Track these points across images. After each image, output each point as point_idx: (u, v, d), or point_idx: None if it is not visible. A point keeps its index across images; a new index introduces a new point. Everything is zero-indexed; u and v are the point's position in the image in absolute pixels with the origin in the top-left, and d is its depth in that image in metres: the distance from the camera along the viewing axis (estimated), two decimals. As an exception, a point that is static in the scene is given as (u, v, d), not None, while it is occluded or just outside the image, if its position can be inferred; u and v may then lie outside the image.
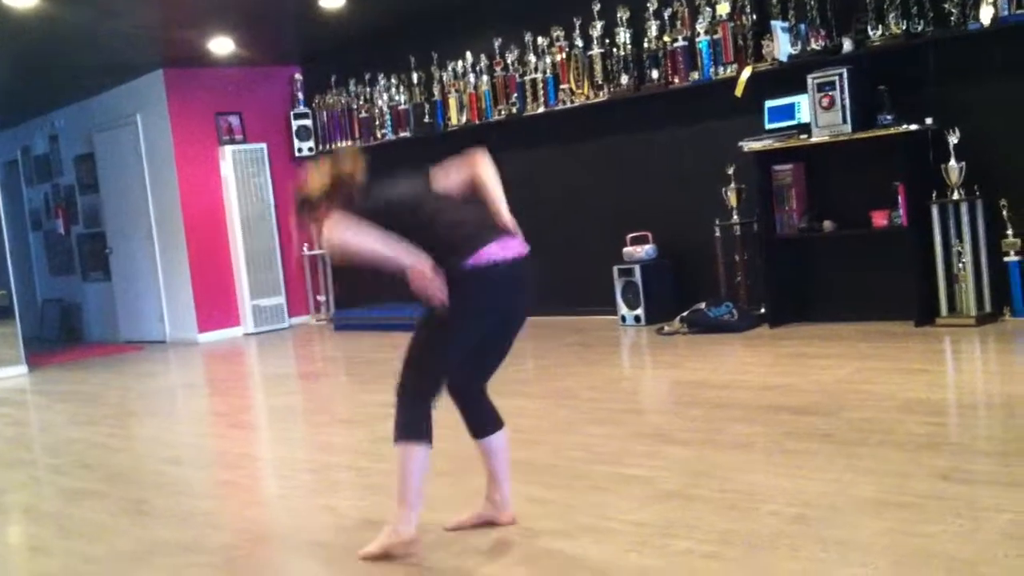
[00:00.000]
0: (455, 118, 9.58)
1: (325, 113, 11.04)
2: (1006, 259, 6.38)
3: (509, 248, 3.25)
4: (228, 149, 10.83)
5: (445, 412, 3.31)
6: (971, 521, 3.03)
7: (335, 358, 8.93)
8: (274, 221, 11.10)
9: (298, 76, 11.29)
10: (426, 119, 9.89)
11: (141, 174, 11.07)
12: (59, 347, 11.93)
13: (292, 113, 11.15)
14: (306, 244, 11.19)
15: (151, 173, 10.99)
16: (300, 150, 11.10)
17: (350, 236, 3.19)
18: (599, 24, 8.35)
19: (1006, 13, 6.16)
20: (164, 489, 4.67)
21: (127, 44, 9.26)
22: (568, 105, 8.63)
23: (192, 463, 5.37)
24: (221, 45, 9.76)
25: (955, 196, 6.39)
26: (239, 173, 10.86)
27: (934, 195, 6.48)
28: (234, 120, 10.99)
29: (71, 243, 12.75)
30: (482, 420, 3.47)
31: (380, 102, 10.39)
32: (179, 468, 5.19)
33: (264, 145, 11.07)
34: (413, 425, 3.23)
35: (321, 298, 11.29)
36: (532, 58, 8.91)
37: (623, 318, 8.12)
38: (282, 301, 11.17)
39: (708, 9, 7.64)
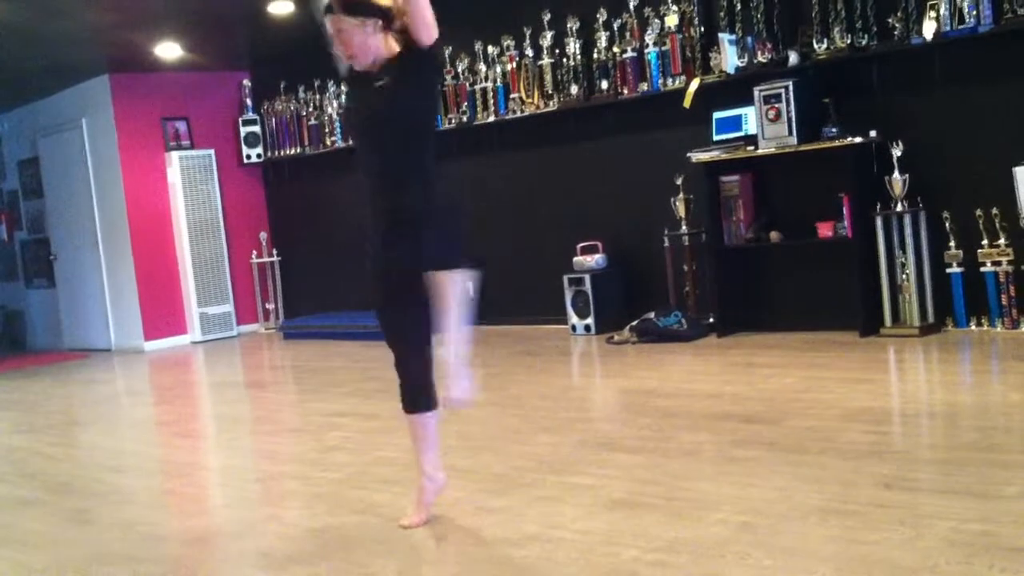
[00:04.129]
0: (405, 126, 9.53)
1: (274, 119, 10.97)
2: (948, 270, 6.48)
3: None
4: (175, 155, 10.71)
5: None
6: (913, 529, 3.06)
7: (283, 367, 8.86)
8: (222, 228, 11.00)
9: (246, 82, 11.20)
10: (376, 127, 9.83)
11: (87, 179, 10.92)
12: (0, 355, 11.71)
13: (240, 119, 11.07)
14: (254, 252, 11.13)
15: (97, 178, 10.84)
16: (248, 157, 11.02)
17: None
18: (549, 34, 8.38)
19: (948, 28, 6.27)
20: (107, 498, 4.60)
21: (72, 47, 9.13)
22: (518, 114, 8.64)
23: (136, 472, 5.30)
24: (168, 50, 9.66)
25: (899, 208, 6.48)
26: (186, 179, 10.75)
27: (878, 207, 6.57)
28: (181, 126, 10.88)
29: (14, 249, 12.55)
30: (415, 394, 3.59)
31: (330, 109, 10.34)
32: (122, 477, 5.12)
33: (212, 151, 10.96)
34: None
35: (270, 306, 11.20)
36: (483, 67, 8.92)
37: (573, 327, 8.15)
38: (230, 309, 11.06)
39: (657, 21, 7.70)
